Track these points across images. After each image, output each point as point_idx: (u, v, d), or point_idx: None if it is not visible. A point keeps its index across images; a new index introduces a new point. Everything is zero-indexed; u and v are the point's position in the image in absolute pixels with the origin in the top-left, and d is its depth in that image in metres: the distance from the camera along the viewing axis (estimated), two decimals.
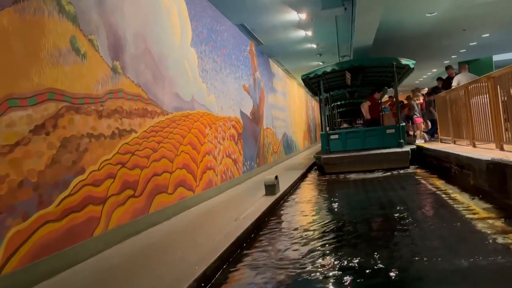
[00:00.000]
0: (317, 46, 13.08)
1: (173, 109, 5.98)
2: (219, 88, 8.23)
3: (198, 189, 6.58)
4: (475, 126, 7.75)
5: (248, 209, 5.71)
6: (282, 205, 6.62)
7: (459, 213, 4.96)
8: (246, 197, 7.03)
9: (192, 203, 6.25)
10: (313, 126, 28.89)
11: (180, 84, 6.32)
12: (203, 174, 6.83)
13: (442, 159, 8.43)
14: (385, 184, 7.93)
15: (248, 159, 9.94)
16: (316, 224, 5.08)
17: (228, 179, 8.16)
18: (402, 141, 10.53)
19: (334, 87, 14.59)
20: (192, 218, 5.49)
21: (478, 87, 7.47)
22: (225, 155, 8.17)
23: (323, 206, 6.33)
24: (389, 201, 6.24)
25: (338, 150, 11.18)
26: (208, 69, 7.62)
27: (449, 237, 4.08)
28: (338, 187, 8.38)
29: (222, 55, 8.64)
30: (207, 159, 7.08)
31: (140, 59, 5.18)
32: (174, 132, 5.92)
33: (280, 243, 4.35)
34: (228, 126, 8.54)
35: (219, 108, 8.10)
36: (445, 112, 10.13)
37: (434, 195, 6.37)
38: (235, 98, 9.33)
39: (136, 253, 3.95)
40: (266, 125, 12.63)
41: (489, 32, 13.61)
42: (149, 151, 5.13)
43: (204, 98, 7.31)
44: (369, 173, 9.82)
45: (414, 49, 14.79)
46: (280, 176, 9.65)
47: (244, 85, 10.31)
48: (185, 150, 6.21)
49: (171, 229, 4.90)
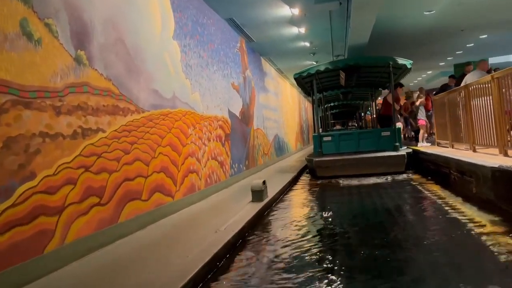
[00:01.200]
0: (310, 45, 12.58)
1: (151, 107, 5.42)
2: (205, 85, 7.68)
3: (179, 194, 6.03)
4: (476, 129, 7.29)
5: (231, 218, 5.17)
6: (270, 214, 6.09)
7: (465, 227, 4.46)
8: (231, 203, 6.49)
9: (171, 210, 5.70)
10: (306, 128, 28.42)
11: (160, 80, 5.77)
12: (184, 178, 6.28)
13: (440, 164, 7.97)
14: (380, 191, 7.44)
15: (236, 162, 9.40)
16: (305, 240, 4.54)
17: (213, 183, 7.62)
18: (397, 144, 10.06)
19: (328, 87, 14.11)
20: (168, 228, 4.93)
21: (480, 88, 7.01)
22: (211, 157, 7.62)
23: (314, 217, 5.80)
24: (386, 211, 5.74)
25: (331, 152, 10.69)
26: (192, 64, 7.08)
27: (457, 257, 3.58)
28: (331, 194, 7.87)
29: (209, 50, 8.10)
30: (189, 161, 6.53)
31: (111, 49, 4.62)
32: (151, 132, 5.37)
33: (262, 264, 3.80)
34: (214, 126, 8.00)
35: (205, 106, 7.55)
36: (443, 114, 9.68)
37: (434, 204, 5.87)
38: (223, 96, 8.79)
39: (93, 273, 3.39)
40: (257, 126, 12.10)
41: (487, 33, 13.21)
42: (120, 153, 4.58)
43: (188, 96, 6.76)
44: (363, 178, 9.33)
45: (410, 50, 14.35)
46: (269, 180, 9.13)
47: (233, 83, 9.78)
48: (163, 152, 5.66)
49: (142, 241, 4.34)
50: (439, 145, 10.24)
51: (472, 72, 8.93)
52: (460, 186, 6.62)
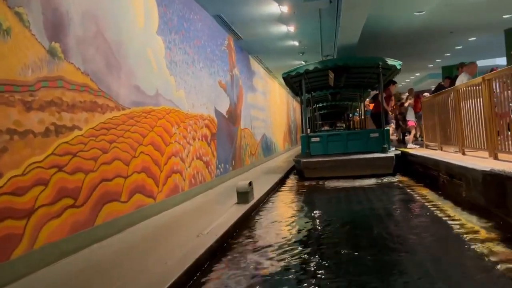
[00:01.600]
0: (299, 44, 12.43)
1: (132, 104, 5.18)
2: (191, 83, 7.45)
3: (161, 195, 5.80)
4: (466, 132, 7.20)
5: (215, 221, 4.96)
6: (255, 216, 5.89)
7: (457, 233, 4.32)
8: (216, 205, 6.28)
9: (152, 212, 5.46)
10: (294, 128, 28.31)
11: (142, 76, 5.53)
12: (167, 179, 6.05)
13: (429, 167, 7.87)
14: (369, 194, 7.30)
15: (223, 162, 9.19)
16: (291, 245, 4.36)
17: (198, 183, 7.40)
18: (386, 145, 9.96)
19: (316, 87, 13.96)
20: (148, 231, 4.70)
21: (470, 90, 6.92)
22: (196, 157, 7.40)
23: (300, 221, 5.62)
24: (375, 215, 5.58)
25: (319, 153, 10.55)
26: (177, 61, 6.85)
27: (450, 268, 3.42)
28: (318, 196, 7.70)
29: (195, 47, 7.87)
30: (173, 161, 6.30)
31: (90, 43, 4.37)
32: (132, 130, 5.13)
33: (246, 271, 3.60)
34: (200, 125, 7.78)
35: (190, 105, 7.32)
36: (432, 116, 9.60)
37: (424, 209, 5.73)
38: (209, 95, 8.56)
39: (62, 280, 3.15)
40: (244, 126, 11.90)
41: (476, 36, 13.22)
42: (97, 152, 4.33)
43: (172, 93, 6.53)
44: (351, 179, 9.20)
45: (399, 51, 14.30)
46: (256, 181, 8.94)
47: (220, 81, 9.56)
48: (145, 151, 5.42)
49: (119, 246, 4.11)
50: (428, 147, 10.18)
51: (463, 73, 8.86)
52: (449, 189, 6.52)
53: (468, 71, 8.70)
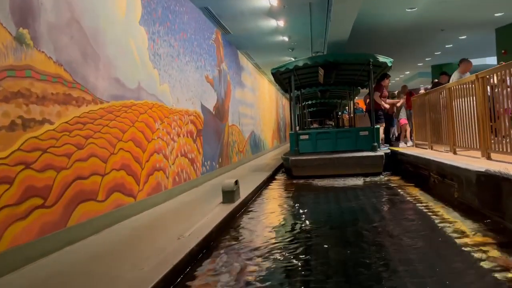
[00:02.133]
0: (289, 39, 12.19)
1: (111, 97, 4.88)
2: (176, 77, 7.16)
3: (142, 194, 5.51)
4: (457, 131, 7.05)
5: (198, 222, 4.71)
6: (241, 217, 5.64)
7: (449, 236, 4.13)
8: (200, 204, 6.02)
9: (132, 211, 5.18)
10: (283, 125, 28.12)
11: (123, 68, 5.23)
12: (149, 177, 5.77)
13: (419, 166, 7.71)
14: (358, 193, 7.10)
15: (209, 159, 8.91)
16: (278, 247, 4.13)
17: (182, 181, 7.12)
18: (375, 144, 9.80)
19: (306, 84, 13.76)
20: (127, 233, 4.42)
21: (463, 88, 6.76)
22: (180, 154, 7.12)
23: (288, 221, 5.40)
24: (365, 216, 5.37)
25: (307, 151, 10.35)
26: (161, 53, 6.55)
27: (447, 277, 3.22)
28: (307, 195, 7.48)
29: (181, 40, 7.57)
30: (155, 158, 6.01)
31: (63, 30, 4.06)
32: (111, 125, 4.83)
33: (229, 277, 3.36)
34: (185, 121, 7.49)
35: (175, 99, 7.03)
36: (423, 115, 9.46)
37: (415, 210, 5.54)
38: (195, 89, 8.27)
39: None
40: (232, 122, 11.63)
41: (467, 34, 13.13)
42: (71, 148, 4.04)
43: (155, 87, 6.23)
44: (340, 178, 9.01)
45: (390, 49, 14.16)
46: (243, 179, 8.69)
47: (207, 76, 9.27)
48: (125, 148, 5.13)
49: (93, 249, 3.83)
50: (418, 146, 10.05)
51: (456, 71, 8.73)
52: (441, 189, 6.36)
53: (460, 69, 8.57)
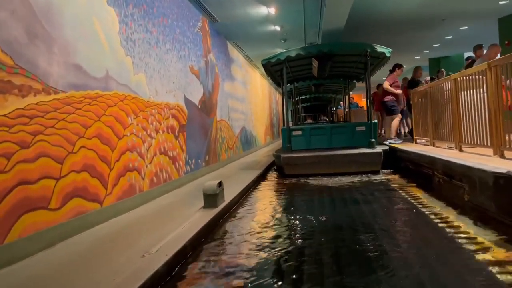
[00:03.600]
0: (281, 29, 11.48)
1: (69, 87, 4.17)
2: (154, 66, 6.45)
3: (110, 199, 4.81)
4: (465, 126, 6.42)
5: (171, 233, 4.03)
6: (224, 224, 4.96)
7: (467, 252, 3.48)
8: (179, 208, 5.33)
9: (97, 219, 4.49)
10: (276, 121, 27.45)
11: (85, 53, 4.51)
12: (119, 178, 5.07)
13: (422, 165, 7.08)
14: (355, 195, 6.45)
15: (194, 157, 8.22)
16: (266, 266, 3.46)
17: (161, 182, 6.43)
18: (373, 140, 9.16)
19: (299, 77, 13.09)
20: (83, 248, 3.72)
21: (471, 79, 6.12)
22: (159, 152, 6.42)
23: (278, 229, 4.72)
24: (364, 222, 4.70)
25: (301, 148, 9.69)
26: (136, 39, 5.83)
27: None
28: (300, 197, 6.81)
29: (161, 26, 6.85)
30: (127, 157, 5.31)
31: (1, 4, 3.34)
32: (69, 119, 4.12)
33: None
34: (165, 115, 6.79)
35: (153, 91, 6.32)
36: (424, 109, 8.82)
37: (421, 216, 4.87)
38: (178, 81, 7.56)
39: None
40: (220, 117, 10.93)
41: (468, 25, 12.50)
42: (11, 147, 3.33)
43: (128, 77, 5.52)
44: (336, 177, 8.37)
45: (387, 40, 13.46)
46: (231, 178, 8.02)
47: (192, 67, 8.56)
48: (88, 146, 4.43)
49: (34, 271, 3.13)
50: (417, 142, 9.41)
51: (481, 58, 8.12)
52: (447, 191, 5.73)
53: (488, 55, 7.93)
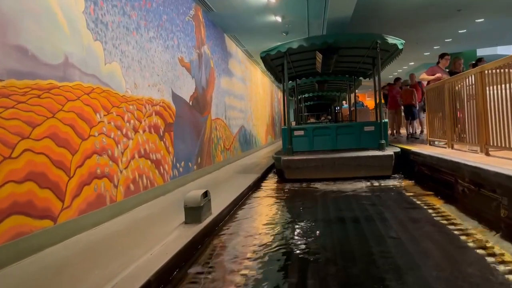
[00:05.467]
0: (282, 20, 10.57)
1: (7, 74, 3.28)
2: (133, 55, 5.57)
3: (69, 213, 3.93)
4: (493, 126, 5.51)
5: (136, 261, 3.14)
6: (210, 244, 4.07)
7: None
8: (155, 223, 4.45)
9: (48, 240, 3.60)
10: (278, 120, 26.53)
11: (34, 33, 3.62)
12: (83, 187, 4.19)
13: (441, 170, 6.17)
14: (365, 206, 5.54)
15: (183, 159, 7.33)
16: None
17: (141, 190, 5.55)
18: (383, 141, 8.25)
19: (302, 74, 12.19)
20: (11, 285, 2.84)
21: (502, 72, 5.20)
22: (138, 154, 5.54)
23: (274, 256, 3.83)
24: (381, 249, 3.79)
25: (303, 150, 8.79)
26: (109, 22, 4.95)
27: None
28: (301, 207, 5.92)
29: (143, 10, 5.97)
30: (94, 162, 4.43)
31: None
32: (6, 115, 3.24)
33: None
34: (147, 112, 5.91)
35: (131, 84, 5.44)
36: (440, 107, 7.91)
37: (448, 237, 3.96)
38: (164, 74, 6.68)
39: None
40: (216, 115, 10.05)
41: (485, 17, 11.55)
42: None
43: (97, 66, 4.64)
44: (342, 182, 7.48)
45: (394, 35, 12.55)
46: (224, 184, 7.14)
47: (182, 59, 7.67)
48: (36, 149, 3.55)
49: None
50: (432, 144, 8.49)
51: None
52: (476, 203, 4.82)
53: None
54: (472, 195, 5.03)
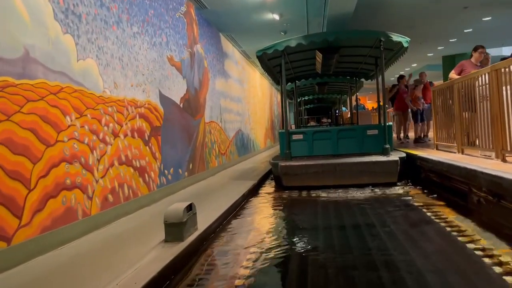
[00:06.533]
0: (280, 18, 10.06)
1: None
2: (113, 51, 5.04)
3: (28, 231, 3.39)
4: (511, 130, 4.97)
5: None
6: (191, 270, 3.52)
7: None
8: (131, 241, 3.90)
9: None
10: (278, 123, 26.00)
11: None
12: (47, 201, 3.64)
13: (452, 177, 5.63)
14: (371, 218, 5.00)
15: (172, 166, 6.79)
16: None
17: (122, 200, 5.00)
18: (388, 146, 7.71)
19: (301, 75, 11.66)
20: None
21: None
22: (119, 161, 5.00)
23: (267, 274, 3.28)
24: (391, 270, 3.26)
25: (302, 155, 8.25)
26: (83, 13, 4.42)
27: None
28: (299, 219, 5.38)
29: (124, 2, 5.44)
30: (63, 171, 3.89)
31: None
32: None
33: None
34: (129, 114, 5.37)
35: (110, 83, 4.91)
36: (448, 109, 7.37)
37: (470, 259, 3.42)
38: (150, 73, 6.16)
39: None
40: (210, 118, 9.52)
41: (493, 15, 11.02)
42: None
43: (68, 62, 4.11)
44: (343, 190, 6.94)
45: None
46: (216, 192, 6.60)
47: (172, 57, 7.14)
48: None
49: None
50: (439, 149, 7.95)
51: None
52: (494, 215, 4.29)
53: None
54: (490, 206, 4.49)
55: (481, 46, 7.19)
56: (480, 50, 7.16)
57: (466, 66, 7.16)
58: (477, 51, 7.18)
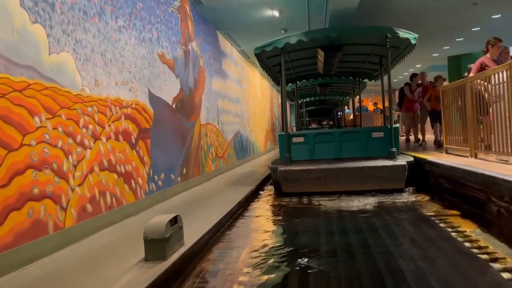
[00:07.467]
0: (280, 15, 9.60)
1: None
2: (93, 45, 4.57)
3: None
4: None
5: None
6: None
7: None
8: (106, 260, 3.41)
9: None
10: (279, 126, 25.52)
11: None
12: (8, 214, 3.16)
13: (467, 184, 5.14)
14: (378, 230, 4.51)
15: (163, 171, 6.31)
16: None
17: (103, 210, 4.52)
18: (394, 149, 7.22)
19: (302, 75, 11.20)
20: None
21: None
22: (100, 167, 4.52)
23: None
24: None
25: (302, 159, 7.75)
26: (57, 1, 3.95)
27: None
28: (301, 232, 4.89)
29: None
30: (29, 179, 3.40)
31: None
32: None
33: None
34: (112, 115, 4.89)
35: (90, 81, 4.44)
36: (459, 110, 6.89)
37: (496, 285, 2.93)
38: (137, 71, 5.68)
39: None
40: (206, 120, 9.04)
41: (502, 12, 10.54)
42: None
43: (37, 56, 3.63)
44: (347, 197, 6.46)
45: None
46: (210, 199, 6.13)
47: (163, 55, 6.67)
48: None
49: None
50: (449, 152, 7.46)
51: None
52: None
53: None
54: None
55: (499, 40, 6.57)
56: (499, 44, 6.53)
57: (486, 63, 6.53)
58: (495, 45, 6.54)
